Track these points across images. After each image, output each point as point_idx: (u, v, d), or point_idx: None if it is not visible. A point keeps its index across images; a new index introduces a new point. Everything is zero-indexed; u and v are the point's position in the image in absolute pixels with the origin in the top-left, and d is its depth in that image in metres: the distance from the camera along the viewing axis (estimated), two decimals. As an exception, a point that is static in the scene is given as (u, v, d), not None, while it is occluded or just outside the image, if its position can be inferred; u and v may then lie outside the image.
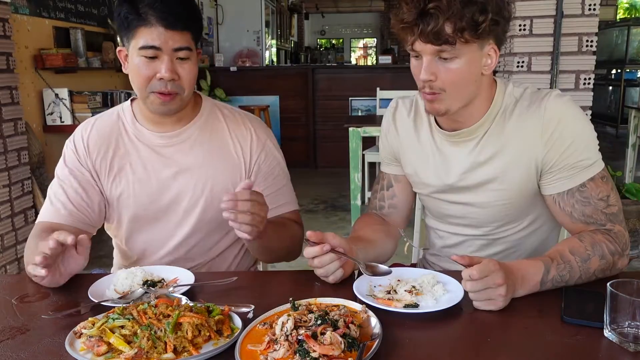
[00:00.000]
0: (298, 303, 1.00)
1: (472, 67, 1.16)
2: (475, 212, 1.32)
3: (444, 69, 1.14)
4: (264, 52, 8.23)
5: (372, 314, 0.97)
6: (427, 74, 1.15)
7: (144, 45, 1.26)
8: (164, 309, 0.95)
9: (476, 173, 1.28)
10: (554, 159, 1.20)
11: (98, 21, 4.69)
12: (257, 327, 0.96)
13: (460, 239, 1.40)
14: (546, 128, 1.19)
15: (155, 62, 1.28)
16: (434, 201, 1.39)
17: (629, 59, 8.48)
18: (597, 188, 1.19)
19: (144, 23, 1.26)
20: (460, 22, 1.08)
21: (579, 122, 1.21)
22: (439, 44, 1.11)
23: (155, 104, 1.33)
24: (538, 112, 1.21)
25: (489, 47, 1.16)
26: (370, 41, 16.23)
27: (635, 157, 5.07)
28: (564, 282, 1.11)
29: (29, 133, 3.43)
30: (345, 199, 4.89)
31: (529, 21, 2.95)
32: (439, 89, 1.16)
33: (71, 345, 0.91)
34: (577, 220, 1.21)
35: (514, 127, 1.23)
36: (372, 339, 0.90)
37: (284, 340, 0.86)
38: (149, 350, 0.88)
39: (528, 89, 1.27)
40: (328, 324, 0.89)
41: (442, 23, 1.08)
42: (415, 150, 1.37)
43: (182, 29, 1.28)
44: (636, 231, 2.99)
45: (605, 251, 1.14)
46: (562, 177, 1.21)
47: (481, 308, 1.04)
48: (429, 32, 1.10)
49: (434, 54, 1.14)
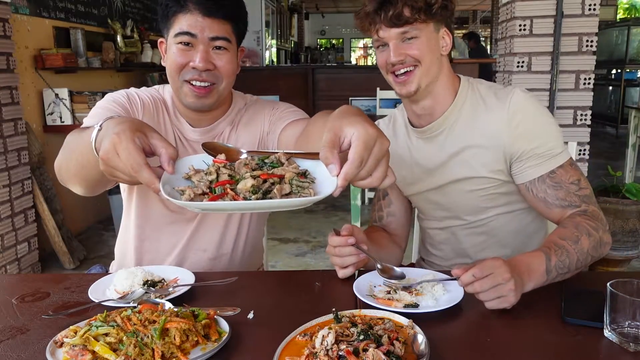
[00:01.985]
0: (341, 314, 0.96)
1: (432, 45, 1.30)
2: (456, 201, 1.40)
3: (409, 47, 1.28)
4: (264, 52, 8.23)
5: (419, 330, 0.91)
6: (397, 55, 1.29)
7: (179, 31, 1.23)
8: (149, 315, 0.93)
9: (449, 164, 1.36)
10: (522, 149, 1.28)
11: (98, 21, 4.69)
12: (297, 338, 0.93)
13: (447, 231, 1.46)
14: (512, 119, 1.28)
15: (190, 51, 1.24)
16: (420, 199, 1.48)
17: (629, 59, 8.49)
18: (566, 173, 1.27)
19: (182, 10, 1.23)
20: (416, 4, 1.25)
21: (542, 115, 1.31)
22: (400, 24, 1.26)
23: (189, 96, 1.28)
24: (504, 104, 1.30)
25: (442, 30, 1.32)
26: (370, 41, 16.23)
27: (635, 157, 5.07)
28: (565, 267, 1.12)
29: (29, 133, 3.43)
30: (345, 199, 4.89)
31: (529, 21, 2.95)
32: (412, 63, 1.29)
33: (52, 355, 0.89)
34: (553, 204, 1.27)
35: (481, 119, 1.32)
36: (419, 358, 0.85)
37: (324, 355, 0.82)
38: (136, 357, 0.86)
39: (493, 86, 1.37)
40: (371, 339, 0.84)
41: (402, 7, 1.25)
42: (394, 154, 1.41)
43: (221, 17, 1.24)
44: (636, 231, 2.98)
45: (589, 229, 1.18)
46: (532, 165, 1.28)
47: (494, 307, 1.03)
48: (391, 17, 1.25)
49: (398, 38, 1.28)
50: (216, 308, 1.02)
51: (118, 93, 1.35)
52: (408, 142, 1.44)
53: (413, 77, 1.30)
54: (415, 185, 1.45)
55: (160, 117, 1.37)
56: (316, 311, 1.03)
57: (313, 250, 3.82)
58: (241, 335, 0.97)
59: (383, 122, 1.54)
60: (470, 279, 1.02)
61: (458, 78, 1.38)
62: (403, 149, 1.45)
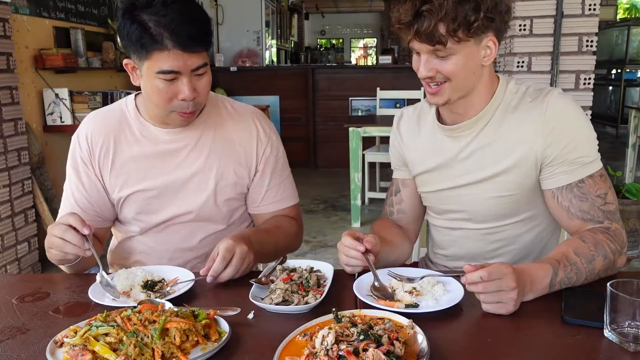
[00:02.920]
0: (341, 314, 0.96)
1: (470, 62, 1.19)
2: (473, 205, 1.34)
3: (442, 64, 1.18)
4: (264, 52, 8.23)
5: (419, 330, 0.91)
6: (426, 71, 1.20)
7: (163, 70, 1.23)
8: (149, 315, 0.94)
9: (473, 166, 1.30)
10: (554, 154, 1.22)
11: (98, 21, 4.69)
12: (297, 338, 0.93)
13: (459, 233, 1.41)
14: (547, 123, 1.21)
15: (175, 84, 1.25)
16: (435, 196, 1.41)
17: (629, 59, 8.48)
18: (595, 185, 1.21)
19: (159, 47, 1.20)
20: (453, 23, 1.12)
21: (579, 119, 1.23)
22: (432, 44, 1.15)
23: (177, 120, 1.34)
24: (540, 107, 1.23)
25: (487, 39, 1.19)
26: (370, 41, 16.23)
27: (635, 157, 5.07)
28: (571, 283, 1.11)
29: (29, 133, 3.43)
30: (345, 199, 4.89)
31: (529, 21, 2.95)
32: (442, 79, 1.20)
33: (52, 355, 0.89)
34: (574, 216, 1.22)
35: (515, 121, 1.25)
36: (419, 358, 0.85)
37: (324, 355, 0.82)
38: (136, 357, 0.86)
39: (531, 87, 1.29)
40: (371, 339, 0.84)
41: (435, 24, 1.12)
42: (416, 147, 1.41)
43: (199, 49, 1.25)
44: (636, 231, 2.98)
45: (607, 251, 1.15)
46: (562, 172, 1.22)
47: (490, 311, 1.03)
48: (423, 33, 1.14)
49: (430, 52, 1.18)
50: (216, 308, 1.02)
51: (74, 150, 1.44)
52: (432, 137, 1.37)
53: (443, 91, 1.22)
54: (433, 183, 1.39)
55: (123, 134, 1.41)
56: (316, 311, 1.03)
57: (313, 250, 3.82)
58: (241, 335, 0.97)
59: (407, 112, 1.46)
60: (477, 279, 1.01)
61: (497, 78, 1.30)
62: (425, 144, 1.38)
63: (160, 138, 1.40)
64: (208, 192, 1.41)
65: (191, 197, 1.41)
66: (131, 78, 1.32)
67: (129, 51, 1.27)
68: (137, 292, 1.16)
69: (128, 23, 1.22)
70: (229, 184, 1.42)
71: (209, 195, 1.41)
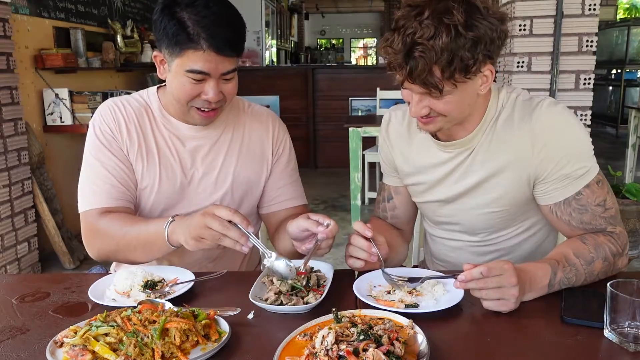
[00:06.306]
0: (341, 314, 0.96)
1: (466, 97, 1.13)
2: (468, 219, 1.33)
3: (436, 103, 1.12)
4: (264, 52, 8.23)
5: (419, 330, 0.91)
6: (419, 110, 1.14)
7: (193, 69, 1.22)
8: (149, 315, 0.94)
9: (467, 180, 1.28)
10: (547, 170, 1.19)
11: (98, 21, 4.69)
12: (297, 338, 0.93)
13: (455, 244, 1.41)
14: (537, 140, 1.18)
15: (201, 84, 1.26)
16: (429, 208, 1.40)
17: (629, 59, 8.48)
18: (593, 194, 1.18)
19: (194, 46, 1.20)
20: (449, 68, 1.03)
21: (571, 131, 1.18)
22: (427, 88, 1.07)
23: (196, 118, 1.33)
24: (529, 123, 1.19)
25: (484, 69, 1.11)
26: (370, 41, 16.24)
27: (635, 157, 5.07)
28: (570, 284, 1.11)
29: (29, 133, 3.43)
30: (345, 199, 4.89)
31: (529, 21, 2.95)
32: (435, 114, 1.15)
33: (52, 355, 0.89)
34: (576, 228, 1.21)
35: (505, 138, 1.22)
36: (419, 358, 0.85)
37: (324, 355, 0.82)
38: (136, 357, 0.86)
39: (520, 96, 1.24)
40: (371, 339, 0.85)
41: (430, 68, 1.04)
42: (407, 157, 1.38)
43: (232, 54, 1.25)
44: (636, 231, 2.98)
45: (607, 253, 1.14)
46: (557, 188, 1.20)
47: (491, 308, 1.03)
48: (416, 77, 1.05)
49: (423, 93, 1.11)
50: (216, 308, 1.02)
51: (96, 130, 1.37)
52: (425, 150, 1.33)
53: (435, 122, 1.17)
54: (426, 194, 1.37)
55: (146, 124, 1.39)
56: (316, 311, 1.03)
57: (313, 250, 3.81)
58: (241, 335, 0.97)
59: (395, 117, 1.40)
60: (478, 275, 1.01)
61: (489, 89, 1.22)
62: (417, 155, 1.35)
63: (183, 133, 1.40)
64: (224, 190, 1.42)
65: (207, 195, 1.41)
66: (158, 70, 1.32)
67: (161, 45, 1.26)
68: (137, 292, 1.16)
69: (167, 18, 1.22)
70: (244, 183, 1.44)
71: (225, 193, 1.42)
